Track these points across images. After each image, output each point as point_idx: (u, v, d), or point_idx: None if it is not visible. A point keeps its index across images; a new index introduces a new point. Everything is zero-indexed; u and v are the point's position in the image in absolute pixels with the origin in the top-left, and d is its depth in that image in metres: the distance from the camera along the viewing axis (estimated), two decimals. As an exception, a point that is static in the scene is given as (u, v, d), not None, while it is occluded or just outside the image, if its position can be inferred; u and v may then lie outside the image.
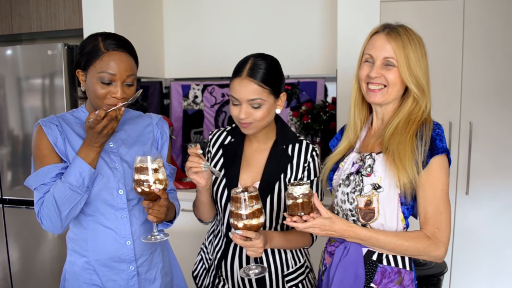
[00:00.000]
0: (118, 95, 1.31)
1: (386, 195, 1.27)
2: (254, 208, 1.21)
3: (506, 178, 2.75)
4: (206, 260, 1.60)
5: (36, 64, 2.62)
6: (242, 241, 1.23)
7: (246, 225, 1.21)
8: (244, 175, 1.47)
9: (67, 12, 2.77)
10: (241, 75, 1.36)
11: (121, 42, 1.34)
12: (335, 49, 2.80)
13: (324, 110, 2.76)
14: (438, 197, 1.23)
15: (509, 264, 2.82)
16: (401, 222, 1.29)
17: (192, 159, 1.32)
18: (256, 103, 1.35)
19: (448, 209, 1.24)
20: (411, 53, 1.28)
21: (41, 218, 1.33)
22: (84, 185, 1.28)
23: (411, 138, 1.25)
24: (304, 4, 2.90)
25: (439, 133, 1.25)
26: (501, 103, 2.74)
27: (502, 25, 2.70)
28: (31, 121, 2.70)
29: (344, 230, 1.24)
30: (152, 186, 1.26)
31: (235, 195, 1.21)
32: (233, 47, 3.04)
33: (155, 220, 1.31)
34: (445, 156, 1.25)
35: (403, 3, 2.67)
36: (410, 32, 1.31)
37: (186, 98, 3.17)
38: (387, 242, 1.24)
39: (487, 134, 2.68)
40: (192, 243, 2.62)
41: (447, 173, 1.25)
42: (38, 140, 1.35)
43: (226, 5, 3.04)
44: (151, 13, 2.99)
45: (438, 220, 1.22)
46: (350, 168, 1.36)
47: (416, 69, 1.28)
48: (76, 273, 1.41)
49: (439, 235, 1.22)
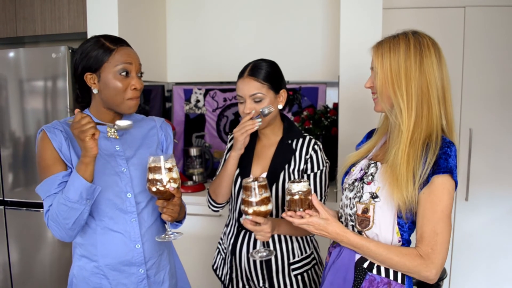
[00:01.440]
0: (137, 85, 1.36)
1: (383, 206, 1.26)
2: (263, 196, 1.33)
3: (505, 185, 2.77)
4: (223, 250, 1.76)
5: (40, 67, 2.63)
6: (252, 226, 1.37)
7: (255, 211, 1.33)
8: (255, 167, 1.67)
9: (71, 16, 2.79)
10: (243, 76, 1.59)
11: (122, 39, 1.42)
12: (336, 55, 2.83)
13: (325, 116, 2.78)
14: (437, 217, 1.18)
15: (508, 270, 2.84)
16: (396, 235, 1.26)
17: (248, 122, 1.52)
18: (258, 97, 1.55)
19: (446, 231, 1.19)
20: (392, 62, 1.23)
21: (50, 229, 1.34)
22: (83, 199, 1.27)
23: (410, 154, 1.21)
24: (306, 11, 2.93)
25: (447, 152, 1.19)
26: (501, 110, 2.77)
27: (502, 32, 2.74)
28: (33, 123, 2.70)
29: (337, 233, 1.26)
30: (167, 185, 1.29)
31: (247, 184, 1.34)
32: (235, 52, 3.06)
33: (169, 219, 1.33)
34: (449, 177, 1.18)
35: (405, 10, 2.70)
36: (398, 39, 1.25)
37: (188, 102, 3.18)
38: (377, 254, 1.23)
39: (487, 141, 2.70)
40: (196, 246, 2.63)
41: (450, 194, 1.19)
42: (42, 148, 1.35)
43: (229, 10, 3.06)
44: (154, 18, 3.01)
45: (433, 241, 1.18)
46: (357, 174, 1.38)
47: (396, 80, 1.22)
48: (86, 278, 1.42)
49: (433, 256, 1.18)
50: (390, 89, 1.24)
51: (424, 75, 1.22)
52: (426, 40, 1.24)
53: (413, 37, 1.24)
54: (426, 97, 1.22)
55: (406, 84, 1.22)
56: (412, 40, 1.23)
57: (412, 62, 1.21)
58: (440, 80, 1.23)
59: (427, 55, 1.22)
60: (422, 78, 1.22)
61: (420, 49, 1.22)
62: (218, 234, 2.56)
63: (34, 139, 2.70)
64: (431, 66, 1.22)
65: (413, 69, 1.21)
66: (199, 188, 2.78)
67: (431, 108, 1.23)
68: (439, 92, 1.23)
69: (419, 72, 1.22)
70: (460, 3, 2.75)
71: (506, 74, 2.76)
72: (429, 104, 1.23)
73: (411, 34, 1.26)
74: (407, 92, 1.22)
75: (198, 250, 2.63)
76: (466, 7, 2.75)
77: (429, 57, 1.22)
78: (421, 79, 1.22)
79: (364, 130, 2.33)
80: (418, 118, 1.22)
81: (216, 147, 3.16)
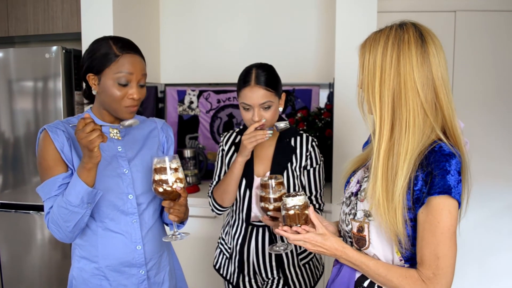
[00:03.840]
0: (135, 95, 1.33)
1: (377, 225, 1.13)
2: (281, 192, 1.40)
3: (493, 187, 2.84)
4: (226, 250, 1.80)
5: (33, 67, 2.60)
6: (272, 221, 1.43)
7: (275, 206, 1.40)
8: (257, 167, 1.71)
9: (65, 16, 2.75)
10: (250, 84, 1.58)
11: (132, 45, 1.39)
12: (329, 57, 2.86)
13: (319, 118, 2.80)
14: (437, 240, 1.04)
15: (499, 268, 2.90)
16: (397, 254, 1.13)
17: (260, 132, 1.54)
18: (266, 105, 1.58)
19: (449, 254, 1.04)
20: (370, 59, 1.09)
21: (51, 231, 1.33)
22: (84, 203, 1.26)
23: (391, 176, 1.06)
24: (299, 13, 2.95)
25: (445, 167, 1.02)
26: (490, 111, 2.83)
27: (492, 36, 2.80)
28: (23, 125, 2.67)
29: (335, 249, 1.16)
30: (174, 185, 1.29)
31: (264, 182, 1.41)
32: (229, 54, 3.07)
33: (176, 220, 1.34)
34: (447, 197, 1.02)
35: (398, 13, 2.74)
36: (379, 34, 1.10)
37: (182, 103, 3.18)
38: (377, 273, 1.12)
39: (477, 142, 2.75)
40: (191, 247, 2.63)
41: (450, 213, 1.03)
42: (43, 149, 1.33)
43: (223, 12, 3.07)
44: (148, 19, 3.00)
45: (434, 265, 1.04)
46: (354, 187, 1.25)
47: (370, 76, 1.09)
48: (85, 279, 1.41)
49: (435, 281, 1.04)
50: (365, 92, 1.10)
51: (400, 76, 1.05)
52: (410, 34, 1.07)
53: (395, 30, 1.08)
54: (404, 102, 1.05)
55: (380, 86, 1.07)
56: (392, 35, 1.07)
57: (387, 59, 1.05)
58: (428, 80, 1.05)
59: (405, 51, 1.05)
60: (398, 79, 1.05)
61: (398, 44, 1.06)
62: (212, 235, 2.56)
63: (24, 141, 2.67)
64: (409, 64, 1.05)
65: (388, 67, 1.05)
66: (194, 189, 2.77)
67: (409, 112, 1.05)
68: (427, 96, 1.06)
69: (395, 73, 1.06)
70: (450, 7, 2.80)
71: (495, 77, 2.83)
72: (408, 109, 1.05)
73: (397, 26, 1.10)
74: (380, 95, 1.07)
75: (194, 251, 2.63)
76: (457, 11, 2.80)
77: (407, 55, 1.05)
78: (397, 80, 1.05)
79: (359, 132, 2.36)
80: (396, 129, 1.07)
81: (210, 149, 3.16)
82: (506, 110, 2.83)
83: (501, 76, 2.82)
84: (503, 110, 2.84)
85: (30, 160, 2.69)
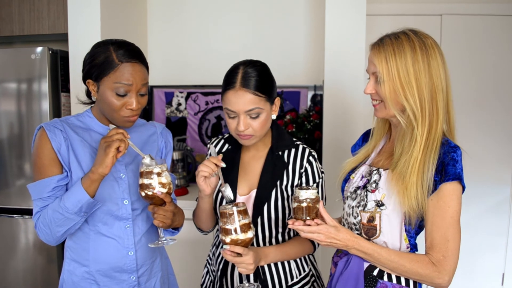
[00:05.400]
0: (133, 106, 1.29)
1: (389, 213, 1.22)
2: (241, 222, 1.21)
3: (480, 187, 2.88)
4: (211, 272, 1.59)
5: (18, 68, 2.55)
6: (232, 257, 1.23)
7: (233, 240, 1.21)
8: (242, 183, 1.46)
9: (51, 16, 2.70)
10: (235, 87, 1.32)
11: (134, 52, 1.32)
12: (318, 60, 2.87)
13: (308, 120, 2.81)
14: (447, 224, 1.16)
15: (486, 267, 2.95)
16: (404, 242, 1.23)
17: (208, 164, 1.32)
18: (254, 113, 1.33)
19: (456, 237, 1.17)
20: (399, 67, 1.16)
21: (38, 231, 1.30)
22: (81, 211, 1.24)
23: (422, 161, 1.17)
24: (288, 16, 2.96)
25: (454, 157, 1.16)
26: (476, 113, 2.88)
27: (477, 39, 2.85)
28: (8, 127, 2.61)
29: (348, 239, 1.20)
30: (155, 189, 1.26)
31: (223, 210, 1.22)
32: (217, 55, 3.05)
33: (160, 225, 1.30)
34: (458, 183, 1.16)
35: (386, 17, 2.78)
36: (400, 40, 1.18)
37: (169, 105, 3.15)
38: (389, 260, 1.19)
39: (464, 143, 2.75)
40: (190, 252, 2.60)
41: (459, 199, 1.17)
42: (39, 147, 1.30)
43: (211, 14, 3.05)
44: (136, 20, 2.97)
45: (444, 248, 1.16)
46: (359, 182, 1.33)
47: (406, 86, 1.16)
48: (75, 283, 1.38)
49: (445, 263, 1.15)
50: (401, 96, 1.17)
51: (432, 78, 1.17)
52: (429, 40, 1.19)
53: (415, 37, 1.18)
54: (435, 101, 1.18)
55: (418, 89, 1.16)
56: (416, 41, 1.17)
57: (421, 66, 1.16)
58: (445, 81, 1.19)
59: (433, 57, 1.17)
60: (431, 82, 1.17)
61: (426, 50, 1.16)
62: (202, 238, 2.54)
63: (8, 144, 2.62)
64: (437, 68, 1.17)
65: (423, 73, 1.16)
66: (182, 192, 2.75)
67: (439, 112, 1.18)
68: (444, 95, 1.19)
69: (428, 76, 1.17)
70: (437, 11, 2.84)
71: (480, 79, 2.88)
72: (437, 109, 1.18)
73: (413, 34, 1.19)
74: (419, 98, 1.16)
75: (183, 254, 2.60)
76: (443, 15, 2.85)
77: (435, 59, 1.17)
78: (430, 83, 1.17)
79: (348, 133, 2.37)
80: (431, 124, 1.18)
81: (198, 151, 3.13)
82: (492, 112, 2.88)
83: (486, 78, 2.87)
84: (489, 112, 2.89)
85: (13, 164, 2.64)
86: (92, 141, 1.36)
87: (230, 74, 1.36)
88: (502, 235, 2.93)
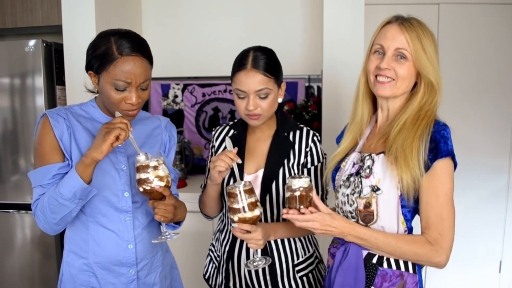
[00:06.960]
0: (133, 101, 1.26)
1: (386, 197, 1.23)
2: (248, 201, 1.25)
3: (476, 177, 2.89)
4: (215, 258, 1.61)
5: (11, 61, 2.50)
6: (241, 234, 1.28)
7: (240, 218, 1.25)
8: (249, 164, 1.52)
9: (44, 7, 2.65)
10: (246, 68, 1.40)
11: (135, 45, 1.27)
12: (316, 50, 2.85)
13: (306, 110, 2.79)
14: (441, 202, 1.17)
15: (480, 257, 2.96)
16: (402, 225, 1.24)
17: (225, 159, 1.34)
18: (264, 93, 1.40)
19: (451, 214, 1.18)
20: (427, 46, 1.22)
21: (36, 218, 1.29)
22: (76, 198, 1.22)
23: (419, 136, 1.19)
24: (286, 6, 2.93)
25: (445, 135, 1.19)
26: (473, 104, 2.88)
27: (475, 29, 2.84)
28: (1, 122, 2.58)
29: (343, 226, 1.21)
30: (153, 183, 1.24)
31: (230, 190, 1.26)
32: (214, 47, 3.02)
33: (162, 220, 1.28)
34: (450, 160, 1.19)
35: (383, 6, 2.76)
36: (423, 25, 1.25)
37: (166, 97, 3.12)
38: (386, 243, 1.21)
39: (459, 134, 2.75)
40: (194, 244, 2.60)
41: (451, 176, 1.19)
42: (42, 134, 1.28)
43: (207, 4, 3.01)
44: (130, 12, 2.93)
45: (440, 226, 1.17)
46: (351, 169, 1.33)
47: (432, 62, 1.24)
48: (73, 275, 1.36)
49: (441, 241, 1.17)
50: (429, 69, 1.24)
51: (438, 57, 1.27)
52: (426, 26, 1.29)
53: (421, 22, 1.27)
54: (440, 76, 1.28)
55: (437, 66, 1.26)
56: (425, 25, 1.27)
57: (434, 45, 1.25)
58: None
59: (435, 40, 1.27)
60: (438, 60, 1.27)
61: (431, 34, 1.26)
62: (202, 230, 2.53)
63: (2, 139, 2.59)
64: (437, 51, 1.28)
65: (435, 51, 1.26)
66: (181, 184, 2.73)
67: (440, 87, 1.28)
68: None
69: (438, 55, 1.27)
70: (434, 0, 2.83)
71: (478, 69, 2.87)
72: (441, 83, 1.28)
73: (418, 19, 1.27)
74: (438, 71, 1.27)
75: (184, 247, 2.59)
76: (440, 4, 2.83)
77: (436, 42, 1.27)
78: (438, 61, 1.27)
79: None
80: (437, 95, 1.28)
81: (195, 143, 3.12)
82: (490, 102, 2.88)
83: (484, 68, 2.87)
84: (487, 102, 2.88)
85: (8, 159, 2.60)
86: (95, 131, 1.34)
87: (242, 57, 1.44)
88: (499, 222, 2.95)
